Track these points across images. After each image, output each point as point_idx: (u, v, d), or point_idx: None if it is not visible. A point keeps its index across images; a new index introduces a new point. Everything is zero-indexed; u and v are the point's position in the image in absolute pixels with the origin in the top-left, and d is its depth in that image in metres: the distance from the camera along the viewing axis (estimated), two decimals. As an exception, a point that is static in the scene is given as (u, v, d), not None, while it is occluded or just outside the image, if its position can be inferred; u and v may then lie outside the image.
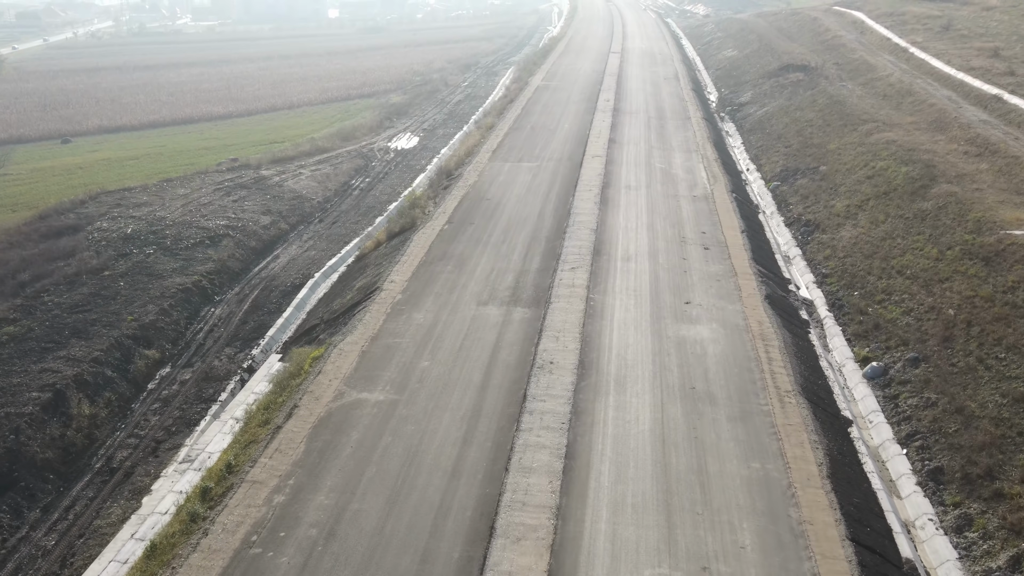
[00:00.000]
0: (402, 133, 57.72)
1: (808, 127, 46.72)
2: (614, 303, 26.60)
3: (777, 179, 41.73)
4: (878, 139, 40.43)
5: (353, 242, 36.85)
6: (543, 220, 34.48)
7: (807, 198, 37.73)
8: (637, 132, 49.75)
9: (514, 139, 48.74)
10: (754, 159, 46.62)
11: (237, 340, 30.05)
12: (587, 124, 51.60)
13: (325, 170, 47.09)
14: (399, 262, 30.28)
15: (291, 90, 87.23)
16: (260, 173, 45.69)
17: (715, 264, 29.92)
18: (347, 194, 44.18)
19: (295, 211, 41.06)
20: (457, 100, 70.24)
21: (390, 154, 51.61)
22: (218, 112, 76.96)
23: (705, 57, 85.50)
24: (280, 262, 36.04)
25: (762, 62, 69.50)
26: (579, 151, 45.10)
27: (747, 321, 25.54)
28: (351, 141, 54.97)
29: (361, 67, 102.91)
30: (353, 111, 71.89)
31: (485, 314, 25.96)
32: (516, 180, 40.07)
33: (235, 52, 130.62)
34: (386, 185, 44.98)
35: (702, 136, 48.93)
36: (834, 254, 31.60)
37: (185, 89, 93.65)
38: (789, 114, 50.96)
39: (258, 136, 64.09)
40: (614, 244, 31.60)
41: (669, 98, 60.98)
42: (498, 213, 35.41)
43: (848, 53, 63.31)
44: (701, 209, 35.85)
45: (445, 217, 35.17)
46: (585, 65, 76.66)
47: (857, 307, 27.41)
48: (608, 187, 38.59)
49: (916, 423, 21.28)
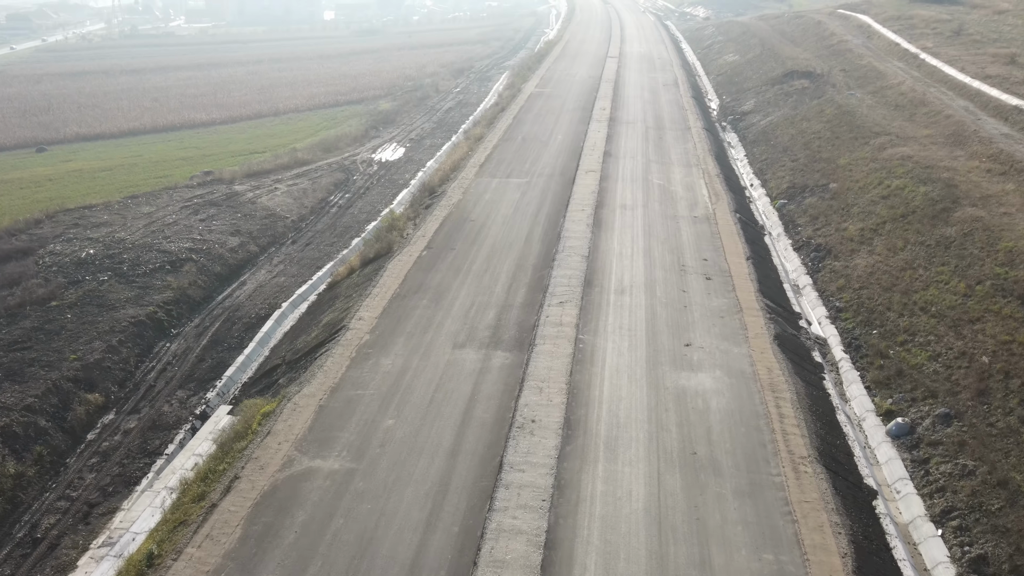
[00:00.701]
0: (387, 143, 54.91)
1: (816, 139, 43.95)
2: (606, 345, 23.83)
3: (783, 197, 38.97)
4: (892, 154, 37.66)
5: (326, 267, 34.07)
6: (531, 245, 31.71)
7: (816, 219, 34.96)
8: (634, 144, 46.99)
9: (503, 152, 45.96)
10: (758, 173, 43.86)
11: (192, 381, 27.26)
12: (581, 135, 48.83)
13: (303, 185, 44.27)
14: (370, 295, 27.50)
15: (278, 96, 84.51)
16: (233, 188, 42.90)
17: (718, 297, 27.16)
18: (324, 212, 41.36)
19: (267, 231, 38.25)
20: (447, 107, 67.47)
21: (373, 167, 48.80)
22: (200, 119, 74.20)
23: (705, 62, 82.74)
24: (246, 289, 33.26)
25: (765, 68, 66.75)
26: (572, 165, 42.34)
27: (755, 367, 22.78)
28: (333, 152, 52.16)
29: (352, 71, 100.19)
30: (340, 119, 69.09)
31: (461, 359, 23.18)
32: (503, 198, 37.30)
33: (225, 55, 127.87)
34: (366, 202, 42.14)
35: (703, 148, 46.17)
36: (848, 285, 28.82)
37: (170, 94, 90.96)
38: (795, 125, 48.19)
39: (239, 145, 61.33)
40: (607, 274, 28.82)
41: (668, 106, 58.23)
42: (482, 237, 32.64)
43: (855, 59, 60.54)
44: (702, 232, 33.08)
45: (424, 241, 32.38)
46: (581, 71, 73.89)
47: (876, 349, 24.63)
48: (602, 207, 35.83)
49: (952, 496, 18.49)
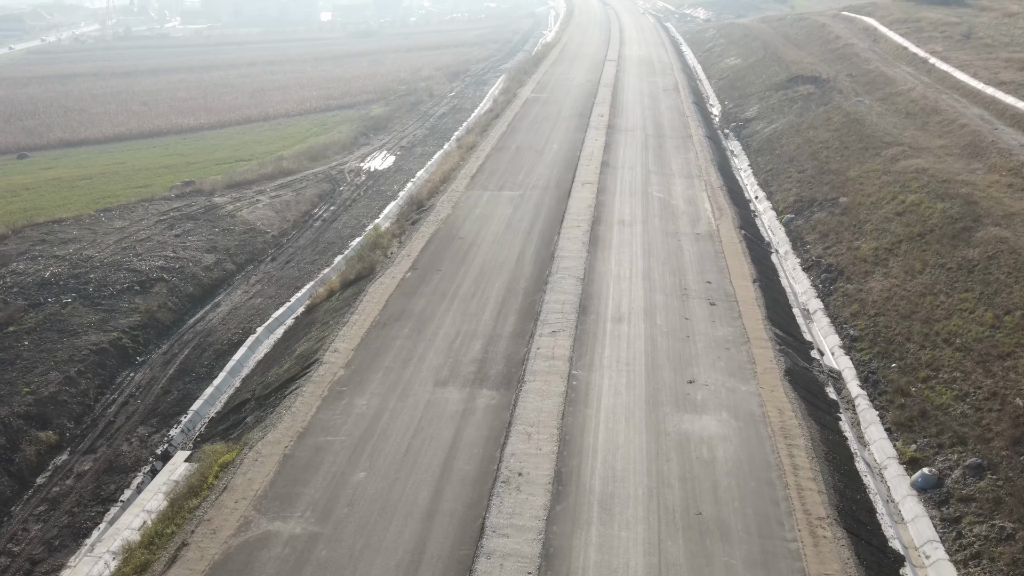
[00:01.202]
0: (377, 151, 52.88)
1: (823, 149, 41.94)
2: (602, 383, 21.83)
3: (791, 211, 36.95)
4: (905, 167, 35.66)
5: (305, 288, 32.05)
6: (522, 266, 29.70)
7: (826, 236, 32.94)
8: (633, 153, 44.98)
9: (496, 162, 43.95)
10: (763, 185, 41.85)
11: (155, 416, 25.24)
12: (578, 144, 46.82)
13: (286, 197, 42.25)
14: (347, 323, 25.47)
15: (269, 99, 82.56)
16: (212, 201, 40.88)
17: (724, 326, 25.15)
18: (307, 226, 39.32)
19: (245, 248, 36.22)
20: (441, 113, 65.47)
21: (361, 176, 46.77)
22: (188, 124, 72.22)
23: (707, 65, 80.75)
24: (220, 312, 31.24)
25: (768, 72, 64.75)
26: (568, 177, 40.33)
27: (764, 409, 20.78)
28: (320, 161, 50.12)
29: (346, 74, 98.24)
30: (330, 124, 67.08)
31: (443, 399, 21.17)
32: (495, 213, 35.28)
33: (219, 57, 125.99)
34: (351, 215, 40.11)
35: (705, 158, 44.17)
36: (863, 311, 26.81)
37: (160, 98, 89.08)
38: (801, 133, 46.18)
39: (225, 152, 59.35)
40: (604, 299, 26.81)
41: (668, 112, 56.23)
42: (471, 256, 30.62)
43: (862, 63, 58.56)
44: (706, 251, 31.08)
45: (409, 261, 30.36)
46: (579, 75, 71.91)
47: (896, 385, 22.61)
48: (599, 223, 33.82)
49: (989, 564, 16.48)
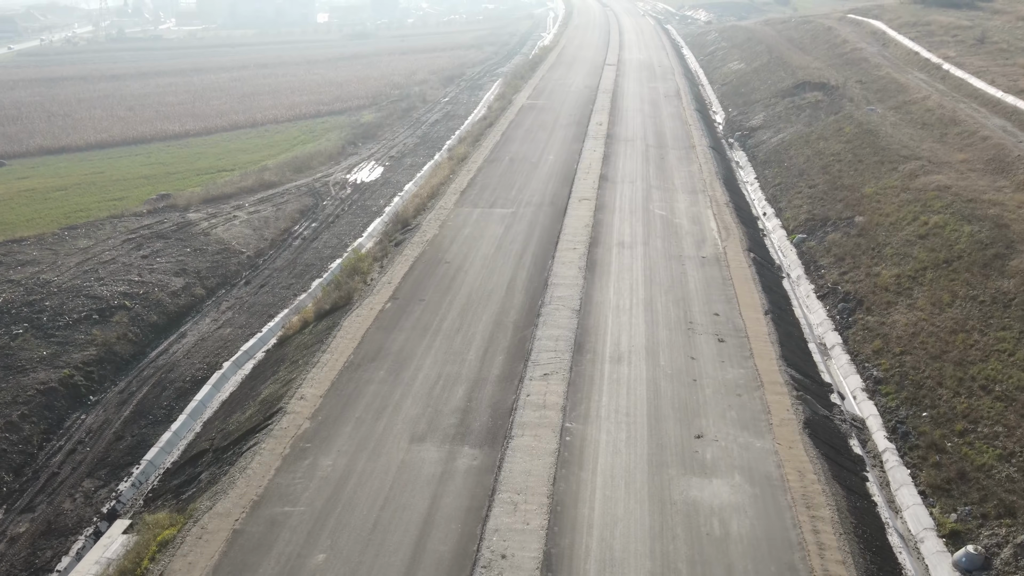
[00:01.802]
0: (365, 162, 50.45)
1: (835, 162, 39.50)
2: (599, 438, 19.39)
3: (802, 230, 34.52)
4: (926, 183, 33.24)
5: (278, 317, 29.60)
6: (513, 295, 27.26)
7: (842, 260, 30.50)
8: (633, 166, 42.55)
9: (488, 175, 41.51)
10: (772, 201, 39.40)
11: (105, 466, 22.82)
12: (575, 155, 44.38)
13: (265, 212, 39.80)
14: (317, 364, 23.03)
15: (259, 105, 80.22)
16: (186, 217, 38.45)
17: (734, 367, 22.72)
18: (285, 245, 36.86)
19: (217, 270, 33.76)
20: (434, 119, 63.04)
21: (346, 190, 44.31)
22: (173, 131, 69.85)
23: (709, 70, 78.32)
24: (186, 343, 28.80)
25: (773, 78, 62.33)
26: (564, 192, 37.90)
27: (783, 470, 18.35)
28: (304, 173, 47.67)
29: (339, 78, 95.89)
30: (319, 131, 64.71)
31: (419, 459, 18.73)
32: (484, 234, 32.84)
33: (211, 60, 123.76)
34: (333, 234, 37.64)
35: (709, 171, 41.73)
36: (887, 347, 24.38)
37: (147, 102, 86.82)
38: (810, 144, 43.73)
39: (208, 161, 56.95)
40: (602, 334, 24.38)
41: (670, 121, 53.80)
42: (457, 284, 28.18)
43: (872, 69, 56.13)
44: (712, 277, 28.64)
45: (390, 289, 27.92)
46: (577, 80, 69.48)
47: (929, 439, 20.17)
48: (597, 244, 31.38)
49: (1053, 674, 14.05)
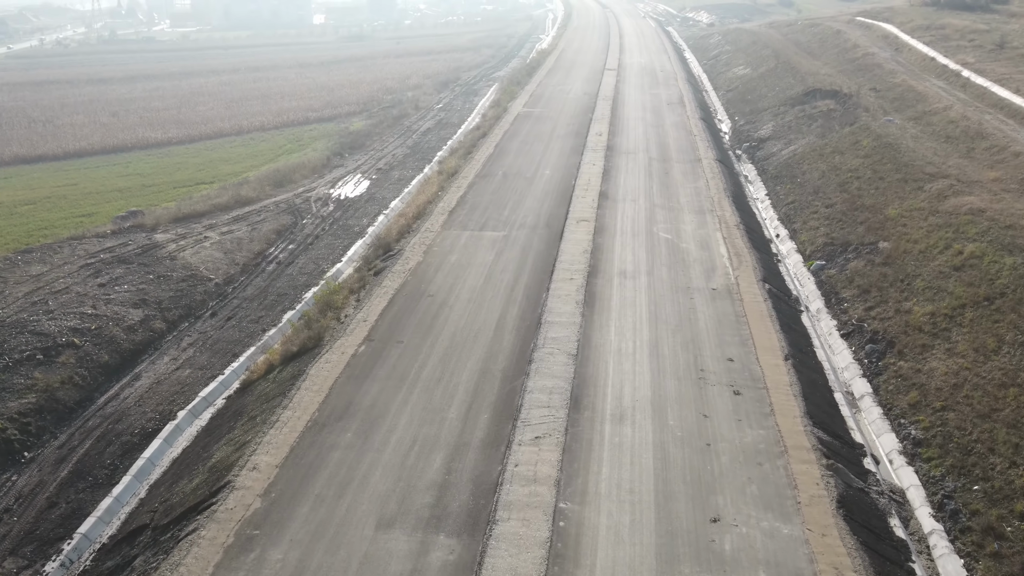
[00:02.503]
0: (351, 175, 47.56)
1: (853, 179, 36.63)
2: (598, 523, 16.52)
3: (820, 256, 31.64)
4: (956, 206, 30.37)
5: (243, 357, 26.69)
6: (502, 336, 24.39)
7: (867, 293, 27.61)
8: (636, 181, 39.68)
9: (479, 192, 38.62)
10: (785, 221, 36.52)
11: (32, 541, 19.95)
12: (573, 169, 41.52)
13: (239, 233, 36.91)
14: (276, 423, 20.15)
15: (246, 111, 77.40)
16: (153, 238, 35.58)
17: (752, 427, 19.84)
18: (258, 271, 33.93)
19: (181, 300, 30.86)
20: (426, 128, 60.17)
21: (328, 206, 41.39)
22: (155, 139, 67.01)
23: (713, 75, 75.46)
24: (139, 387, 25.92)
25: (782, 84, 59.47)
26: (560, 212, 35.04)
27: (815, 566, 15.47)
28: (285, 187, 44.79)
29: (331, 82, 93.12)
30: (306, 140, 61.87)
31: (386, 551, 15.85)
32: (473, 261, 29.96)
33: (201, 63, 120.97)
34: (310, 258, 34.71)
35: (717, 187, 38.87)
36: (925, 401, 21.51)
37: (132, 108, 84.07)
38: (825, 158, 40.85)
39: (187, 173, 54.14)
40: (602, 386, 21.51)
41: (674, 131, 50.93)
42: (440, 322, 25.31)
43: (887, 76, 53.27)
44: (724, 313, 25.76)
45: (365, 329, 25.04)
46: (575, 86, 66.63)
47: (985, 522, 17.29)
48: (596, 274, 28.52)
49: None
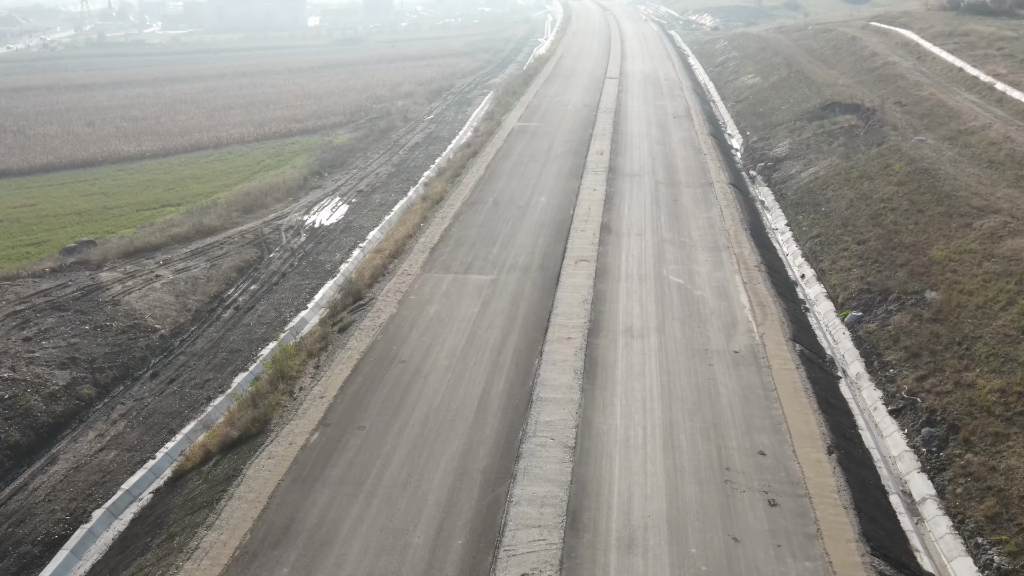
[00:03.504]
0: (329, 198, 43.39)
1: (887, 211, 32.49)
2: None
3: (855, 304, 27.47)
4: (1016, 249, 26.21)
5: (180, 435, 22.49)
6: (485, 418, 20.23)
7: (917, 357, 23.44)
8: (641, 211, 35.54)
9: (467, 224, 34.45)
10: (810, 258, 32.34)
11: None
12: (572, 195, 37.38)
13: (196, 270, 32.76)
14: (196, 552, 15.95)
15: (227, 121, 73.28)
16: (97, 278, 31.45)
17: (796, 557, 15.67)
18: (212, 318, 29.75)
19: (119, 357, 26.69)
20: (414, 143, 56.01)
21: (300, 237, 37.20)
22: (128, 152, 62.87)
23: (720, 83, 71.29)
24: (52, 475, 21.76)
25: (796, 96, 55.31)
26: (557, 249, 30.89)
27: None
28: (255, 213, 40.64)
29: (320, 89, 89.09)
30: (286, 155, 57.77)
31: None
32: (455, 314, 25.80)
33: (188, 68, 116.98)
34: (272, 303, 30.51)
35: (732, 217, 34.72)
36: (1006, 513, 17.36)
37: (110, 116, 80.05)
38: (851, 184, 36.69)
39: (155, 192, 50.05)
40: (606, 495, 17.34)
41: (682, 148, 46.78)
42: (412, 397, 21.15)
43: (912, 88, 49.12)
44: (750, 387, 21.61)
45: (321, 408, 20.88)
46: (575, 96, 62.48)
47: None
48: (598, 332, 24.37)
49: None
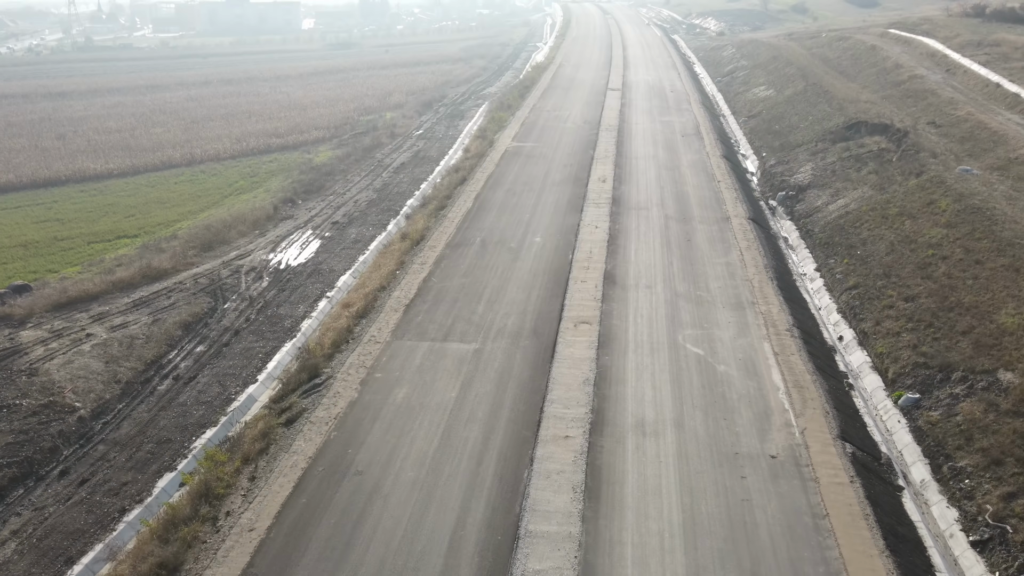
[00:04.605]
0: (300, 231, 38.83)
1: (938, 260, 27.94)
2: None
3: (909, 382, 22.91)
4: (1107, 320, 21.71)
5: (79, 567, 17.87)
6: (457, 566, 15.67)
7: (999, 465, 18.83)
8: (650, 254, 30.99)
9: (449, 273, 29.88)
10: (849, 315, 27.74)
11: None
12: (570, 234, 32.86)
13: (135, 327, 28.22)
14: None
15: (205, 134, 68.75)
16: (16, 339, 26.91)
17: None
18: (145, 392, 25.11)
19: (23, 448, 22.11)
20: (399, 163, 51.45)
21: (261, 282, 32.63)
22: (94, 170, 58.28)
23: (730, 95, 66.75)
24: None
25: (816, 112, 50.78)
26: (553, 307, 26.34)
27: None
28: (215, 250, 36.11)
29: (305, 99, 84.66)
30: (261, 175, 53.26)
31: None
32: (427, 402, 21.18)
33: (173, 74, 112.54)
34: (218, 373, 25.86)
35: (755, 263, 30.17)
36: None
37: (83, 128, 75.62)
38: (890, 222, 32.13)
39: (113, 220, 45.49)
40: None
41: (693, 174, 42.24)
42: (365, 531, 16.53)
43: (946, 107, 44.59)
44: (794, 512, 17.03)
45: (247, 551, 16.25)
46: (574, 111, 57.95)
47: None
48: (602, 428, 19.82)
49: None
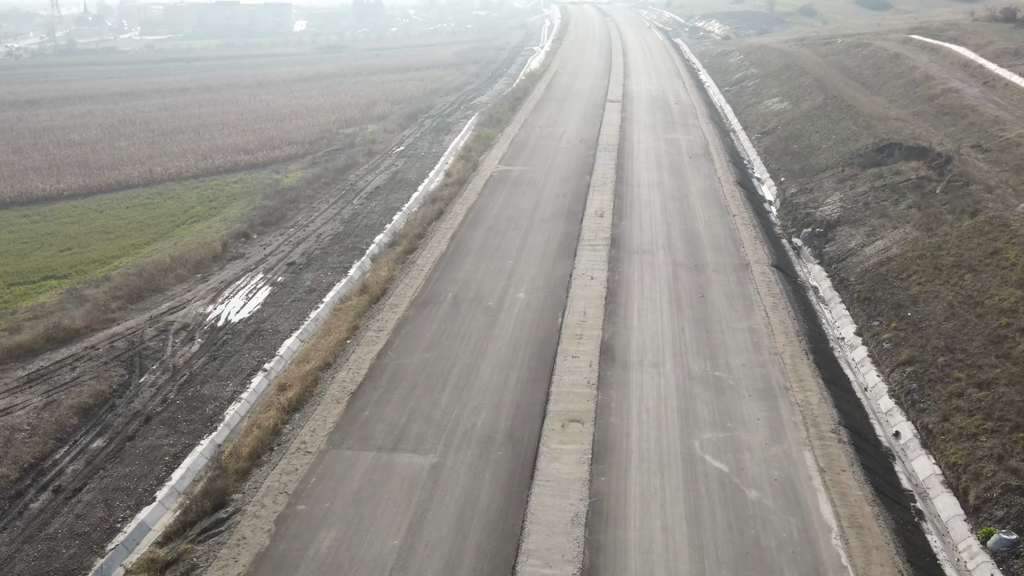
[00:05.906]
0: (249, 275, 33.40)
1: (1016, 332, 22.50)
2: None
3: (999, 513, 17.47)
4: None
5: None
6: None
7: None
8: (657, 318, 25.53)
9: (409, 344, 24.39)
10: (902, 399, 22.26)
11: None
12: (560, 288, 27.39)
13: (20, 412, 22.78)
14: None
15: (170, 150, 63.38)
16: None
17: None
18: (11, 513, 19.55)
19: None
20: (374, 187, 46.01)
21: (192, 344, 27.18)
22: (42, 191, 53.03)
23: (739, 107, 61.27)
24: None
25: (839, 130, 45.29)
26: (536, 397, 20.86)
27: None
28: (144, 300, 30.74)
29: (285, 108, 79.38)
30: (220, 200, 47.91)
31: None
32: (360, 557, 15.50)
33: (151, 80, 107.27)
34: (108, 485, 20.28)
35: (784, 329, 24.69)
36: None
37: (44, 140, 70.37)
38: (944, 275, 26.67)
39: (46, 255, 40.16)
40: None
41: (704, 206, 36.78)
42: None
43: (991, 127, 39.12)
44: None
45: None
46: (569, 127, 52.52)
47: None
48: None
49: None
